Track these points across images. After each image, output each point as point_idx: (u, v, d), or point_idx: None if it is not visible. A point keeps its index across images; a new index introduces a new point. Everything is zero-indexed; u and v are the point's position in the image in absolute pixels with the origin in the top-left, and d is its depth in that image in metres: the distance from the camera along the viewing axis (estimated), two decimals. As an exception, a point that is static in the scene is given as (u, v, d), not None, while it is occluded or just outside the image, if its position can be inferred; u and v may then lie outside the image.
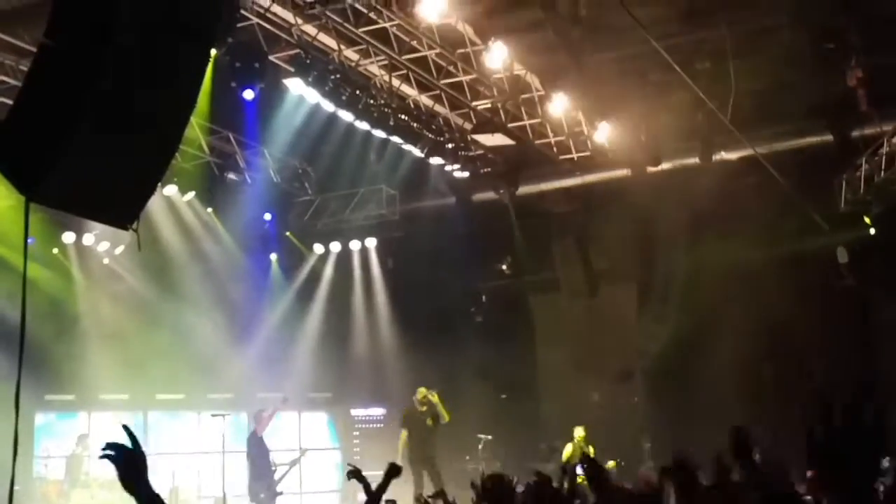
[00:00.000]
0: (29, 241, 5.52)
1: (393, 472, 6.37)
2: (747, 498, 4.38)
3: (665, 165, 16.13)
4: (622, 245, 17.88)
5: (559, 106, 14.17)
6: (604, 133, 15.01)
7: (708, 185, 15.57)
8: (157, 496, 3.23)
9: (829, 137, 15.18)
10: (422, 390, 14.84)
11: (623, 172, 16.35)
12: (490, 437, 16.70)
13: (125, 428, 3.35)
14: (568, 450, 15.18)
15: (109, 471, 11.41)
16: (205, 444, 15.88)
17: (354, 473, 6.54)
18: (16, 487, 5.16)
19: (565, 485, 6.09)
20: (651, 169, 16.10)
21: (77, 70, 4.94)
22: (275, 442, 17.37)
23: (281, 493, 14.32)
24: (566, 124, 15.37)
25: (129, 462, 3.25)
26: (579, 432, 15.27)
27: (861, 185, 14.99)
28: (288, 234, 18.98)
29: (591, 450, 14.95)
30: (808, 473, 5.77)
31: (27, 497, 13.93)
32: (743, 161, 15.74)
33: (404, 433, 14.75)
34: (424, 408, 14.80)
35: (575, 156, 16.33)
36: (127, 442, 3.29)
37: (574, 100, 14.26)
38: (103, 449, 3.28)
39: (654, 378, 17.54)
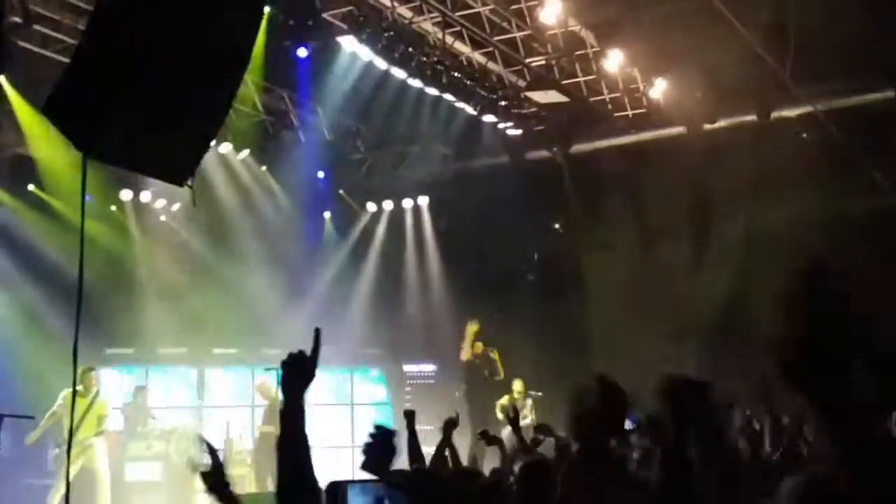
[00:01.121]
0: (87, 198, 5.60)
1: (451, 424, 6.47)
2: None
3: (721, 123, 15.89)
4: (677, 204, 17.66)
5: (614, 62, 13.98)
6: (659, 90, 14.81)
7: (766, 143, 15.31)
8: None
9: (891, 94, 14.80)
10: (479, 344, 15.03)
11: (679, 130, 16.13)
12: (541, 393, 16.73)
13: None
14: (503, 401, 15.21)
15: (165, 422, 11.64)
16: (259, 397, 16.09)
17: (409, 415, 6.64)
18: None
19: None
20: (707, 126, 15.87)
21: (133, 28, 4.98)
22: (328, 396, 17.70)
23: None
24: (621, 81, 15.19)
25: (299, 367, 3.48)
26: (517, 385, 15.29)
27: (924, 143, 14.65)
28: (341, 192, 19.06)
29: (528, 403, 15.12)
30: None
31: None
32: (802, 118, 15.45)
33: (464, 387, 15.06)
34: (479, 360, 15.01)
35: (630, 113, 16.15)
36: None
37: (629, 56, 14.05)
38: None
39: (710, 337, 17.39)
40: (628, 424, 6.95)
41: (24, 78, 13.11)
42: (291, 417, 3.33)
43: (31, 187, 15.68)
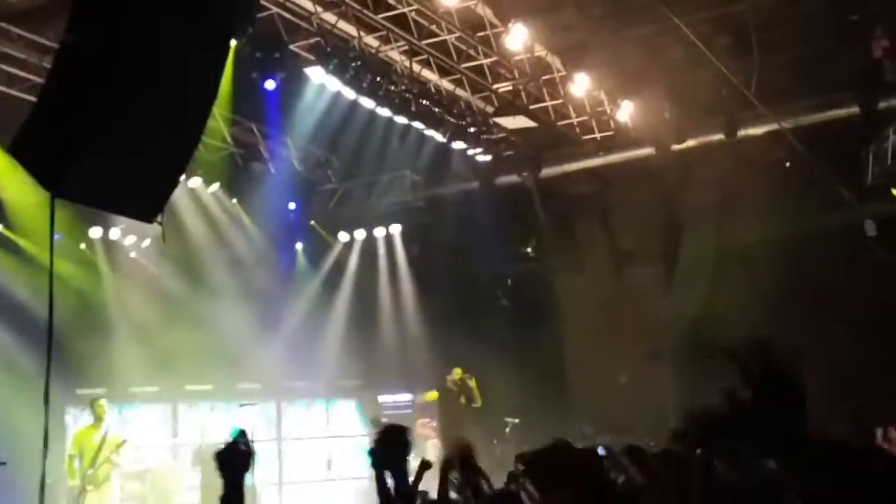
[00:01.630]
0: (55, 236, 5.54)
1: (425, 465, 6.34)
2: None
3: (689, 143, 16.00)
4: (647, 224, 17.78)
5: (581, 86, 14.07)
6: (627, 112, 14.92)
7: (733, 162, 15.44)
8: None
9: (855, 110, 14.97)
10: (458, 371, 14.90)
11: (647, 151, 16.23)
12: (517, 420, 16.68)
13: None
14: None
15: (138, 463, 11.37)
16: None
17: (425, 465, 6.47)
18: (48, 481, 5.19)
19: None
20: (675, 147, 15.97)
21: (99, 66, 4.95)
22: (306, 430, 17.55)
23: None
24: (588, 104, 15.28)
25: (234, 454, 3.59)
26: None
27: (889, 157, 14.81)
28: (312, 222, 19.00)
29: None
30: None
31: (59, 491, 14.04)
32: (768, 136, 15.58)
33: (435, 392, 14.93)
34: (457, 388, 14.88)
35: (598, 136, 16.24)
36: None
37: (596, 79, 14.16)
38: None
39: (682, 358, 17.43)
40: (601, 451, 6.93)
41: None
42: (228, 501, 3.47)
43: (-1, 227, 15.48)
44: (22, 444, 12.26)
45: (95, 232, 16.49)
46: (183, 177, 10.82)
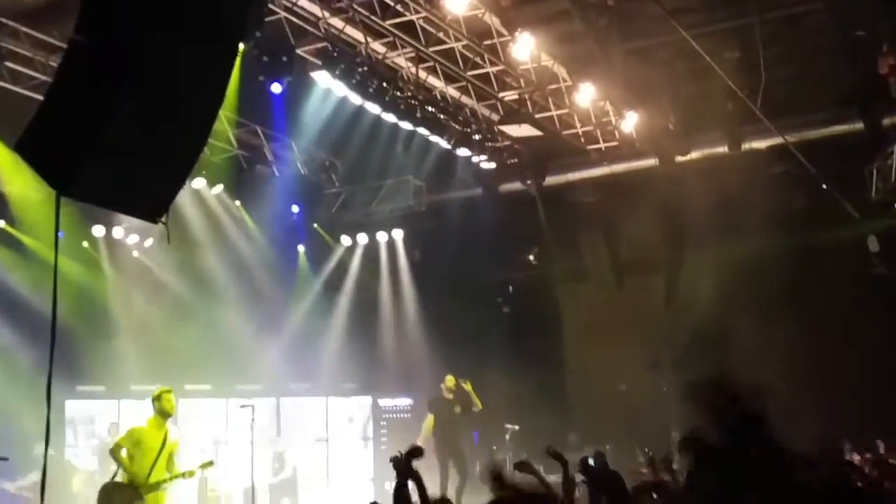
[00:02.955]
0: (59, 234, 5.57)
1: (414, 452, 6.34)
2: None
3: (694, 155, 16.02)
4: (650, 235, 17.81)
5: (586, 96, 14.09)
6: (631, 122, 14.93)
7: (737, 175, 15.46)
8: None
9: (859, 126, 14.99)
10: (451, 378, 14.79)
11: (651, 162, 16.25)
12: (517, 427, 16.68)
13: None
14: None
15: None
16: (233, 434, 15.96)
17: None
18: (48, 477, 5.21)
19: None
20: (679, 158, 16.00)
21: (107, 66, 4.97)
22: (303, 433, 17.57)
23: None
24: (594, 114, 15.32)
25: None
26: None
27: (892, 173, 14.82)
28: (315, 226, 19.03)
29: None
30: None
31: (58, 486, 14.08)
32: (772, 150, 15.61)
33: (430, 418, 14.68)
34: (451, 395, 14.74)
35: (602, 146, 16.28)
36: None
37: (601, 89, 14.18)
38: None
39: (682, 368, 17.44)
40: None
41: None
42: None
43: (1, 223, 15.52)
44: (23, 440, 12.31)
45: (98, 230, 16.53)
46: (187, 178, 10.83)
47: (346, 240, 19.20)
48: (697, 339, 16.87)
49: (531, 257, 19.41)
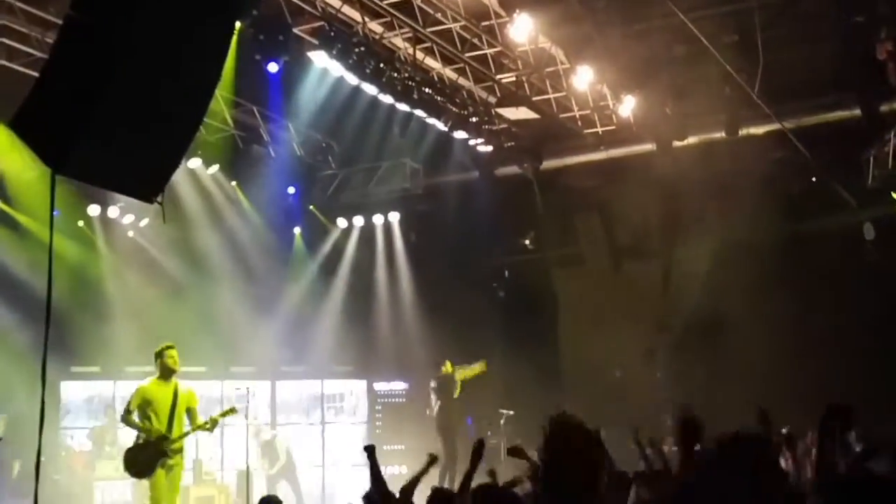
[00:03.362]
0: (54, 213, 5.53)
1: (432, 461, 6.44)
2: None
3: (691, 140, 16.00)
4: (646, 220, 17.79)
5: (584, 79, 14.04)
6: (629, 107, 14.89)
7: (734, 161, 15.44)
8: None
9: (857, 112, 14.97)
10: (448, 364, 14.91)
11: (648, 147, 16.23)
12: (512, 412, 16.70)
13: None
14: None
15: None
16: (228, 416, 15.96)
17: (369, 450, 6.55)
18: (42, 458, 5.19)
19: None
20: (676, 143, 15.97)
21: (102, 43, 4.93)
22: (299, 416, 17.58)
23: None
24: (591, 98, 15.27)
25: None
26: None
27: (889, 160, 14.80)
28: (311, 207, 18.98)
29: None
30: None
31: (54, 468, 14.08)
32: (770, 135, 15.59)
33: (438, 403, 14.95)
34: (446, 381, 14.92)
35: (600, 130, 16.25)
36: None
37: (599, 73, 14.13)
38: None
39: (678, 354, 17.47)
40: None
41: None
42: None
43: (-4, 202, 15.45)
44: (15, 419, 12.29)
45: (94, 210, 16.46)
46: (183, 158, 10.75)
47: (342, 222, 19.16)
48: (693, 324, 16.91)
49: (527, 241, 19.37)
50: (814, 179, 15.55)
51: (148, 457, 10.24)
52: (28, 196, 14.70)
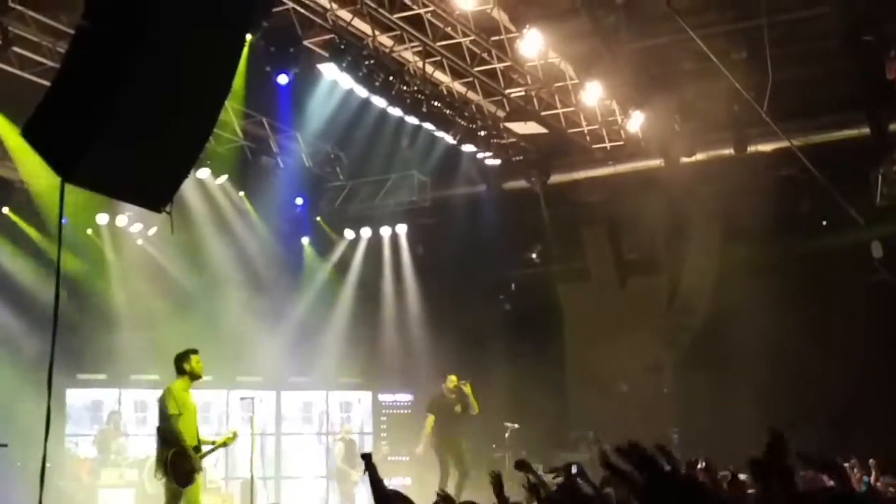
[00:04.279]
0: (63, 221, 5.56)
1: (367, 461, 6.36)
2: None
3: (699, 156, 16.00)
4: (653, 236, 17.79)
5: (593, 94, 14.07)
6: (637, 122, 14.91)
7: (742, 177, 15.44)
8: None
9: (865, 130, 14.96)
10: (453, 378, 14.67)
11: (656, 162, 16.23)
12: (517, 425, 16.67)
13: None
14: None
15: (138, 450, 11.26)
16: (234, 426, 15.98)
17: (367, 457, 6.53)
18: (47, 465, 5.21)
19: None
20: (684, 159, 15.98)
21: (114, 53, 4.96)
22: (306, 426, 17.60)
23: None
24: (599, 113, 15.29)
25: None
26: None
27: (897, 179, 14.79)
28: (319, 218, 19.03)
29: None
30: None
31: (58, 475, 14.10)
32: (778, 153, 15.58)
33: (431, 418, 14.62)
34: (453, 395, 14.66)
35: (608, 145, 16.26)
36: None
37: (608, 88, 14.16)
38: None
39: (684, 370, 17.44)
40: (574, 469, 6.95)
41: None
42: None
43: (5, 210, 15.50)
44: (22, 427, 12.30)
45: (102, 219, 16.52)
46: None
47: (349, 233, 19.20)
48: (700, 340, 16.88)
49: (534, 255, 19.37)
50: (827, 192, 15.50)
51: (190, 466, 10.08)
52: (36, 205, 14.78)
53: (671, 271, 18.32)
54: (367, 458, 6.43)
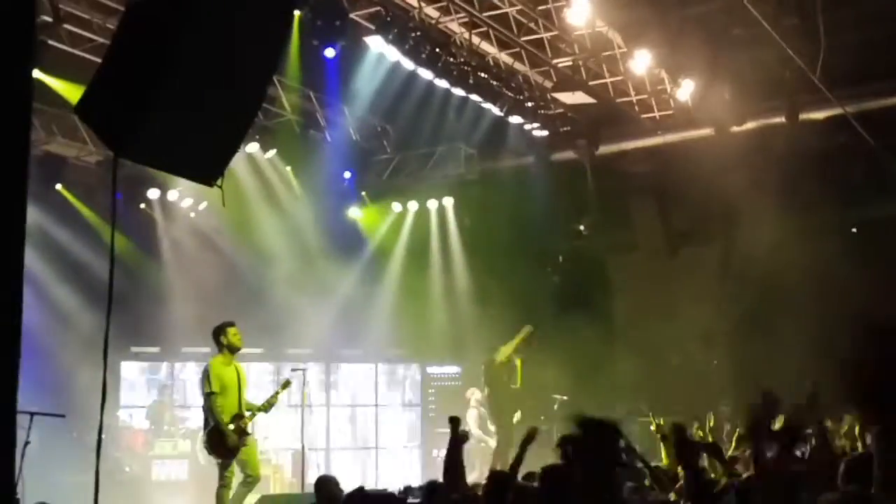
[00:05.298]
0: (117, 196, 5.63)
1: (530, 437, 6.41)
2: None
3: (749, 125, 15.76)
4: (703, 206, 17.58)
5: (641, 63, 13.88)
6: (687, 91, 14.71)
7: (794, 146, 15.20)
8: None
9: (922, 96, 14.66)
10: (505, 350, 14.80)
11: (706, 132, 16.01)
12: (566, 397, 16.66)
13: None
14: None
15: (191, 422, 11.56)
16: (286, 397, 16.17)
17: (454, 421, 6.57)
18: (103, 436, 5.31)
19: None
20: (735, 128, 15.75)
21: (164, 27, 4.99)
22: (353, 397, 17.75)
23: None
24: (648, 82, 15.13)
25: None
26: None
27: (954, 146, 14.50)
28: (363, 193, 19.09)
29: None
30: None
31: (113, 446, 14.38)
32: (830, 120, 15.31)
33: (486, 390, 14.87)
34: (503, 366, 14.82)
35: (657, 114, 16.09)
36: None
37: (657, 57, 13.96)
38: None
39: (735, 341, 17.28)
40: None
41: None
42: None
43: (58, 186, 15.73)
44: (79, 399, 12.57)
45: (154, 193, 16.72)
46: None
47: (396, 206, 19.24)
48: (752, 310, 16.70)
49: (582, 227, 19.26)
50: (880, 160, 15.21)
51: (229, 442, 10.42)
52: (90, 179, 15.00)
53: (722, 242, 18.11)
54: (454, 421, 6.50)
